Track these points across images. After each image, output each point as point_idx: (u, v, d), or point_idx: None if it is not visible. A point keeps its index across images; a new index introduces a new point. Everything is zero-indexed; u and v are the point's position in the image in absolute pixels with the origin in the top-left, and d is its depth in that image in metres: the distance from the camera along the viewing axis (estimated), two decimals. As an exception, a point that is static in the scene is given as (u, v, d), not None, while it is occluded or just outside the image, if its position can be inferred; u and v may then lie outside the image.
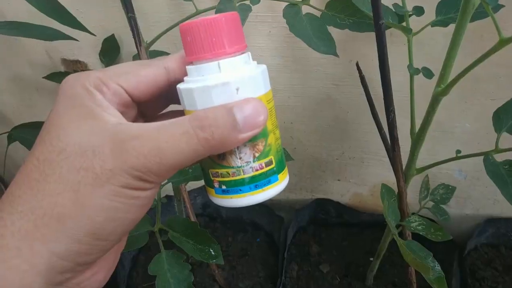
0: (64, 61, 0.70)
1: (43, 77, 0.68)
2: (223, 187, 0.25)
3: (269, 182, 0.25)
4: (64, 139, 0.22)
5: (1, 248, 0.21)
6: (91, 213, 0.21)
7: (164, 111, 0.31)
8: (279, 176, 0.26)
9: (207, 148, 0.22)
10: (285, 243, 0.74)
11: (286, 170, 0.27)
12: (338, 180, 0.75)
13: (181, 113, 0.30)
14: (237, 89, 0.23)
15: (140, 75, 0.25)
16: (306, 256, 0.74)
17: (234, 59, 0.24)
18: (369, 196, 0.76)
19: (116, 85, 0.25)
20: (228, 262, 0.75)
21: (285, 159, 0.27)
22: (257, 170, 0.25)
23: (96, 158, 0.21)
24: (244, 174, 0.24)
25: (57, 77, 0.68)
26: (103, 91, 0.24)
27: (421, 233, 0.42)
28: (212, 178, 0.25)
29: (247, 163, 0.24)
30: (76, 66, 0.71)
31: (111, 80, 0.24)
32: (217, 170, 0.25)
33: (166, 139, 0.21)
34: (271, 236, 0.79)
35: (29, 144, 0.58)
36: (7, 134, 0.64)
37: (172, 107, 0.30)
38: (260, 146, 0.24)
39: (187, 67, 0.25)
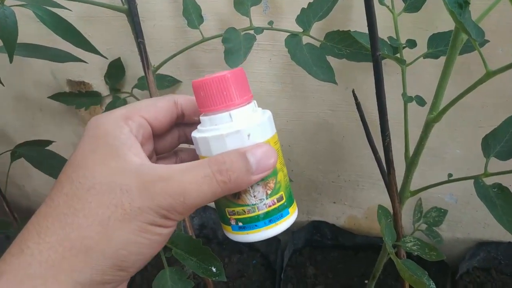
0: (70, 82, 0.73)
1: (48, 97, 0.70)
2: (240, 224, 0.27)
3: (281, 216, 0.28)
4: (91, 178, 0.23)
5: (28, 277, 0.22)
6: (117, 247, 0.23)
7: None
8: (290, 209, 0.28)
9: (224, 190, 0.24)
10: (281, 264, 0.75)
11: (295, 204, 0.30)
12: (334, 202, 0.77)
13: (188, 151, 0.35)
14: (248, 135, 0.26)
15: (157, 106, 0.29)
16: (302, 278, 0.74)
17: (243, 109, 0.27)
18: (364, 219, 0.78)
19: (140, 117, 0.27)
20: (225, 283, 0.75)
21: (293, 194, 0.30)
22: (270, 206, 0.27)
23: (124, 196, 0.23)
24: (258, 211, 0.27)
25: (61, 97, 0.70)
26: (129, 125, 0.26)
27: (416, 253, 0.44)
28: (229, 216, 0.28)
29: (260, 200, 0.27)
30: (80, 87, 0.73)
31: (135, 113, 0.27)
32: (233, 209, 0.27)
33: (190, 181, 0.23)
34: (267, 258, 0.80)
35: (33, 161, 0.59)
36: (10, 152, 0.65)
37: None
38: (272, 184, 0.27)
39: (200, 117, 0.28)
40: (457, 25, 0.30)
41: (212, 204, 0.90)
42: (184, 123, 0.32)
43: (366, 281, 0.72)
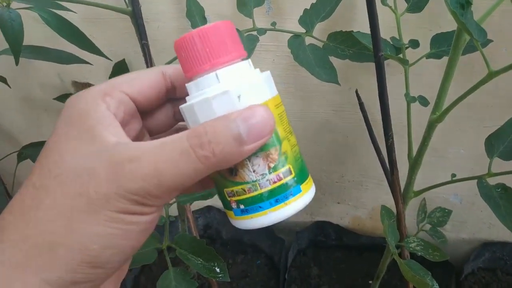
0: (75, 83, 0.73)
1: (53, 98, 0.71)
2: (241, 206, 0.23)
3: (291, 195, 0.23)
4: (61, 164, 0.21)
5: None
6: (85, 241, 0.20)
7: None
8: (302, 186, 0.23)
9: (209, 166, 0.20)
10: (285, 265, 0.75)
11: (310, 179, 0.25)
12: (338, 203, 0.77)
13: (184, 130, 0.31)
14: (239, 97, 0.21)
15: (141, 79, 0.25)
16: (306, 279, 0.74)
17: (233, 67, 0.23)
18: (368, 219, 0.78)
19: (120, 92, 0.24)
20: (229, 283, 0.75)
21: (306, 167, 0.25)
22: (275, 182, 0.22)
23: (91, 182, 0.20)
24: (261, 189, 0.22)
25: (67, 98, 0.71)
26: (107, 102, 0.23)
27: (419, 253, 0.44)
28: (229, 199, 0.23)
29: (262, 176, 0.22)
30: (86, 89, 0.74)
31: (114, 89, 0.23)
32: (232, 189, 0.23)
33: (164, 160, 0.20)
34: (271, 258, 0.80)
35: (39, 163, 0.60)
36: (17, 153, 0.66)
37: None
38: (274, 155, 0.22)
39: (186, 85, 0.24)
40: (459, 25, 0.30)
41: (216, 204, 0.89)
42: (177, 98, 0.28)
43: (370, 282, 0.72)
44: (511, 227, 0.36)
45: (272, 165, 0.22)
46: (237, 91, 0.21)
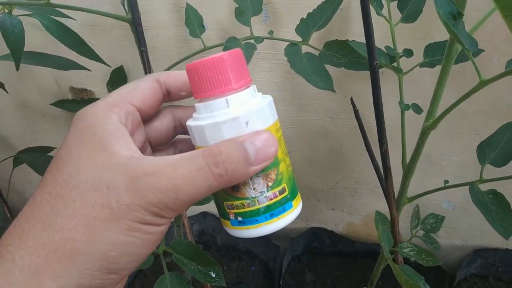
0: (72, 89, 0.74)
1: (50, 104, 0.71)
2: (239, 218, 0.25)
3: (284, 210, 0.26)
4: (76, 176, 0.22)
5: (9, 285, 0.20)
6: (105, 248, 0.21)
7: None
8: (293, 202, 0.26)
9: (221, 183, 0.22)
10: (280, 271, 0.75)
11: (299, 196, 0.28)
12: (332, 209, 0.78)
13: (187, 142, 0.32)
14: (247, 123, 0.24)
15: (141, 89, 0.26)
16: (301, 285, 0.75)
17: (241, 94, 0.25)
18: (362, 225, 0.78)
19: (127, 104, 0.25)
20: (224, 289, 0.75)
21: (297, 185, 0.28)
22: (271, 199, 0.25)
23: (111, 193, 0.21)
24: (259, 204, 0.25)
25: (64, 104, 0.71)
26: (117, 113, 0.24)
27: (413, 259, 0.45)
28: (228, 210, 0.26)
29: (261, 193, 0.25)
30: (83, 94, 0.74)
31: (122, 101, 0.25)
32: (232, 202, 0.25)
33: (182, 176, 0.21)
34: (266, 265, 0.80)
35: (36, 167, 0.60)
36: (12, 157, 0.66)
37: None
38: (273, 175, 0.25)
39: (195, 104, 0.26)
40: (451, 35, 0.31)
41: (211, 210, 0.90)
42: (176, 106, 0.30)
43: (364, 287, 0.72)
44: (502, 232, 0.37)
45: (270, 184, 0.25)
46: (245, 118, 0.24)
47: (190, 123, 0.25)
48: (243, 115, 0.24)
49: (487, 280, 0.72)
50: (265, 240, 0.80)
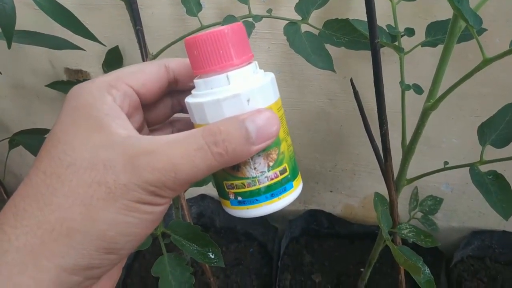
0: (67, 70, 0.72)
1: (45, 85, 0.70)
2: (239, 198, 0.25)
3: (284, 190, 0.25)
4: (72, 154, 0.21)
5: (5, 265, 0.20)
6: (103, 228, 0.21)
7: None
8: (294, 183, 0.26)
9: (221, 163, 0.22)
10: (278, 253, 0.76)
11: (299, 176, 0.27)
12: (331, 191, 0.78)
13: (186, 121, 0.31)
14: (248, 100, 0.23)
15: (145, 72, 0.26)
16: (299, 266, 0.75)
17: (243, 70, 0.24)
18: (360, 207, 0.78)
19: (125, 85, 0.24)
20: (223, 271, 0.76)
21: (297, 165, 0.27)
22: (272, 179, 0.24)
23: (108, 172, 0.21)
24: (259, 184, 0.24)
25: (59, 85, 0.70)
26: (113, 94, 0.23)
27: (411, 240, 0.45)
28: (227, 190, 0.25)
29: (262, 173, 0.24)
30: (78, 76, 0.73)
31: (120, 81, 0.24)
32: (232, 182, 0.25)
33: (181, 155, 0.21)
34: (264, 246, 0.81)
35: (32, 149, 0.60)
36: (8, 139, 0.65)
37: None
38: (274, 155, 0.24)
39: (194, 80, 0.25)
40: (455, 11, 0.30)
41: (210, 192, 0.89)
42: (178, 90, 0.29)
43: (362, 269, 0.73)
44: (502, 213, 0.37)
45: (271, 163, 0.24)
46: (247, 95, 0.23)
47: (188, 100, 0.25)
48: (244, 92, 0.23)
49: (484, 261, 0.73)
50: (264, 222, 0.80)
